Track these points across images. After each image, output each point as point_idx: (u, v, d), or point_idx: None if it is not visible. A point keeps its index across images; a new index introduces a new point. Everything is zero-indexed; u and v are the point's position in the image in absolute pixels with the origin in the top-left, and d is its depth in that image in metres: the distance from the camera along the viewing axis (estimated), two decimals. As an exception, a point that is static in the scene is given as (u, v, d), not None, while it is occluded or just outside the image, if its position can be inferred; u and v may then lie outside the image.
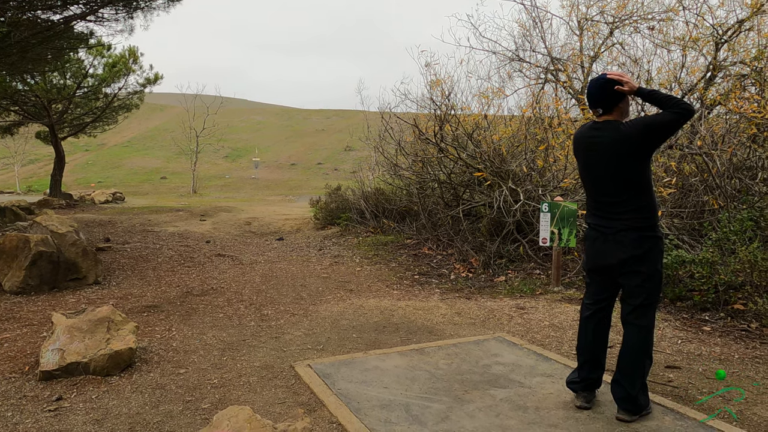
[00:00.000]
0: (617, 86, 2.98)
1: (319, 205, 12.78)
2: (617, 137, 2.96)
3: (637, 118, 3.04)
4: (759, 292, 4.88)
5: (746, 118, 7.21)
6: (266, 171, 35.07)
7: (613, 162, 2.98)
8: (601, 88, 3.03)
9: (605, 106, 3.04)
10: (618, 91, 2.98)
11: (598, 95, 3.04)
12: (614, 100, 3.02)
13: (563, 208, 6.00)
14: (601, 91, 3.03)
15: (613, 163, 2.99)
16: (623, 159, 2.96)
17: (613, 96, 3.01)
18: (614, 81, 2.99)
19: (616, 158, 2.98)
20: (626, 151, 2.95)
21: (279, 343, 4.48)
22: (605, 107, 3.05)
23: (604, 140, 3.02)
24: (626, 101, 3.07)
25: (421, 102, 9.58)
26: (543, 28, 10.22)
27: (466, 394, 3.41)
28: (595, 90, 3.05)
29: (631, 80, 3.00)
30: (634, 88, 2.96)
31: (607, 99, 3.02)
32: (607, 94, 3.01)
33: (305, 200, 18.70)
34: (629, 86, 2.97)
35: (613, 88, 2.99)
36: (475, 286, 6.56)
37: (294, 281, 6.83)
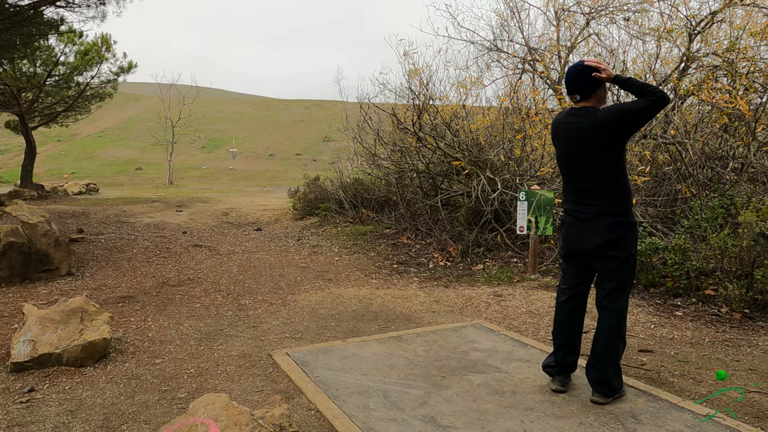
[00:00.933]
0: (595, 73, 3.01)
1: (297, 195, 12.70)
2: (594, 123, 2.99)
3: (613, 105, 3.07)
4: (729, 277, 4.99)
5: (718, 108, 7.35)
6: (244, 162, 34.73)
7: (590, 148, 3.02)
8: (579, 75, 3.05)
9: (583, 93, 3.07)
10: (595, 78, 3.01)
11: (576, 81, 3.06)
12: (592, 87, 3.05)
13: (540, 197, 6.06)
14: (579, 77, 3.05)
15: (590, 149, 3.02)
16: (600, 145, 3.00)
17: (591, 82, 3.03)
18: (592, 68, 3.02)
19: (593, 144, 3.01)
20: (603, 138, 2.98)
21: (257, 332, 4.46)
22: (583, 94, 3.07)
23: (581, 126, 3.04)
24: (604, 88, 3.10)
25: (399, 92, 9.56)
26: (521, 18, 10.27)
27: (444, 380, 3.43)
28: (574, 76, 3.07)
29: (608, 68, 3.03)
30: (612, 75, 3.00)
31: (585, 85, 3.05)
32: (585, 81, 3.04)
33: (284, 191, 18.58)
34: (606, 73, 3.00)
35: (591, 75, 3.02)
36: (453, 275, 6.60)
37: (272, 271, 6.79)
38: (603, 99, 3.13)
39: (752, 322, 4.57)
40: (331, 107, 45.99)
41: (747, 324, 4.54)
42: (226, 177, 29.60)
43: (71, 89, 18.53)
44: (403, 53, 8.92)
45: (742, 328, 4.44)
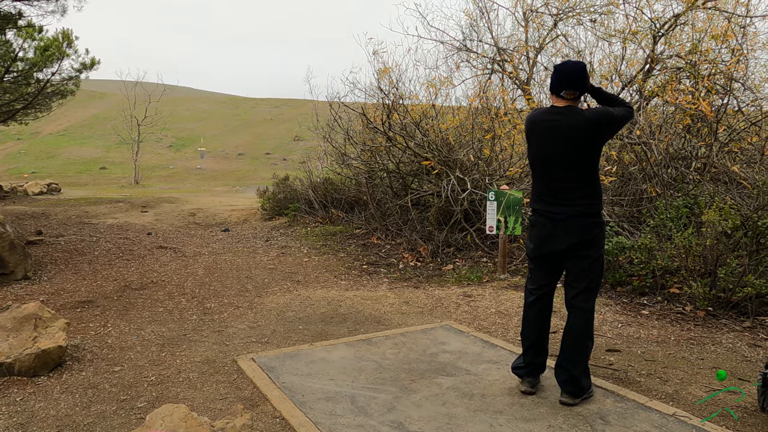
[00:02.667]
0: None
1: (266, 195, 12.52)
2: (579, 122, 2.98)
3: (599, 107, 3.09)
4: (693, 276, 5.07)
5: (681, 109, 7.49)
6: (212, 161, 34.18)
7: (572, 148, 2.99)
8: (583, 71, 3.05)
9: (582, 90, 3.07)
10: (586, 76, 3.06)
11: (581, 77, 3.04)
12: (587, 86, 3.08)
13: (509, 197, 6.07)
14: (583, 73, 3.05)
15: (572, 149, 2.99)
16: (581, 146, 2.98)
17: (588, 82, 3.06)
18: (583, 65, 3.09)
19: (574, 144, 2.98)
20: (584, 138, 2.98)
21: (222, 336, 4.33)
22: (582, 91, 3.08)
23: (565, 125, 3.00)
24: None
25: (369, 91, 9.50)
26: (490, 18, 10.30)
27: (412, 384, 3.38)
28: (579, 72, 3.04)
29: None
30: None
31: (586, 83, 3.06)
32: (587, 79, 3.06)
33: (253, 191, 18.32)
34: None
35: (584, 71, 3.06)
36: (423, 275, 6.57)
37: (239, 273, 6.65)
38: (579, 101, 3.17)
39: (716, 320, 4.64)
40: (302, 106, 45.64)
41: (711, 322, 4.61)
42: (194, 177, 29.08)
43: (31, 86, 17.90)
44: (373, 52, 8.84)
45: (706, 326, 4.51)
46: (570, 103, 3.05)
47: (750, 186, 6.08)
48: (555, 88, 3.06)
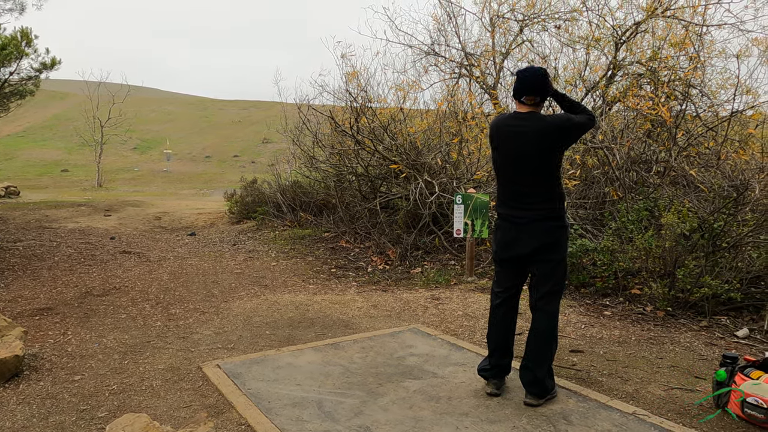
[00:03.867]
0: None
1: (234, 198, 12.38)
2: (543, 128, 3.03)
3: (561, 114, 3.14)
4: (653, 277, 5.21)
5: (642, 114, 7.69)
6: (179, 164, 33.61)
7: (535, 153, 3.04)
8: (544, 77, 3.09)
9: (543, 95, 3.11)
10: (547, 81, 3.10)
11: (541, 84, 3.08)
12: (548, 92, 3.12)
13: (476, 200, 6.13)
14: (544, 79, 3.09)
15: (535, 154, 3.05)
16: (544, 150, 3.04)
17: (549, 88, 3.11)
18: (545, 71, 3.14)
19: (537, 149, 3.04)
20: (548, 143, 3.03)
21: (187, 343, 4.27)
22: (543, 96, 3.11)
23: (528, 130, 3.05)
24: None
25: (338, 94, 9.48)
26: (457, 23, 10.39)
27: (380, 387, 3.38)
28: (540, 78, 3.08)
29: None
30: (552, 87, 3.11)
31: (545, 89, 3.10)
32: (546, 84, 3.09)
33: (220, 194, 18.07)
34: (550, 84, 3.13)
35: (546, 76, 3.10)
36: (392, 278, 6.58)
37: (205, 278, 6.55)
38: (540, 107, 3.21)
39: (674, 320, 4.78)
40: (270, 108, 45.28)
41: (670, 322, 4.74)
42: (159, 179, 28.55)
43: (-13, 86, 17.32)
44: (341, 55, 8.84)
45: (666, 326, 4.64)
46: (532, 109, 3.10)
47: (707, 189, 6.28)
48: (516, 93, 3.12)
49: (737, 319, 4.75)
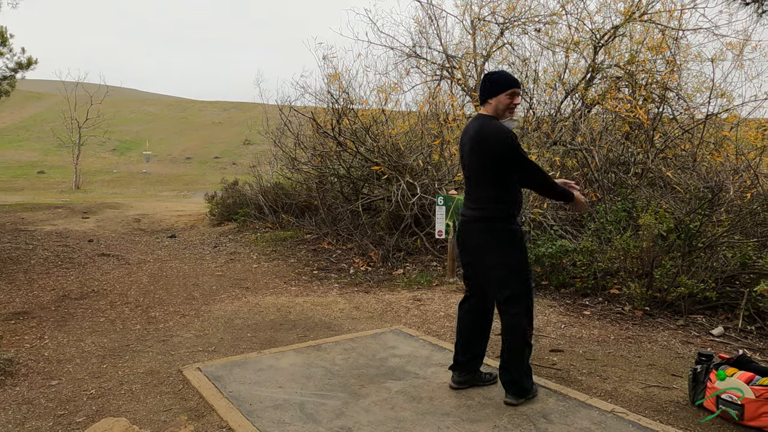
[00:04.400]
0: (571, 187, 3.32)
1: (215, 200, 12.28)
2: (477, 134, 3.11)
3: (507, 140, 3.03)
4: (631, 277, 5.29)
5: (620, 117, 7.81)
6: (159, 165, 33.23)
7: (474, 156, 3.13)
8: (483, 81, 3.18)
9: (482, 99, 3.19)
10: (488, 86, 3.13)
11: (481, 87, 3.18)
12: (484, 94, 3.16)
13: (457, 201, 6.17)
14: (482, 83, 3.17)
15: (474, 158, 3.14)
16: (479, 155, 3.12)
17: (484, 90, 3.15)
18: (492, 75, 3.17)
19: (475, 153, 3.12)
20: (479, 150, 3.12)
21: (167, 346, 4.22)
22: (482, 100, 3.19)
23: (468, 134, 3.17)
24: (500, 99, 3.11)
25: (320, 95, 9.47)
26: (438, 25, 10.46)
27: (362, 389, 3.39)
28: (481, 83, 3.18)
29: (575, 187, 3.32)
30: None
31: (481, 92, 3.17)
32: (483, 87, 3.16)
33: (201, 196, 17.90)
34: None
35: (488, 82, 3.13)
36: (374, 280, 6.59)
37: (186, 280, 6.49)
38: (500, 112, 3.12)
39: (652, 319, 4.86)
40: (252, 109, 45.02)
41: (648, 321, 4.82)
42: (139, 181, 28.21)
43: (-40, 86, 16.96)
44: (322, 57, 8.85)
45: (643, 325, 4.71)
46: (483, 111, 3.19)
47: (683, 191, 6.39)
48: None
49: (713, 318, 4.84)
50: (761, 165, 6.75)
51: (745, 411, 2.88)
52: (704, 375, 3.13)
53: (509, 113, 3.15)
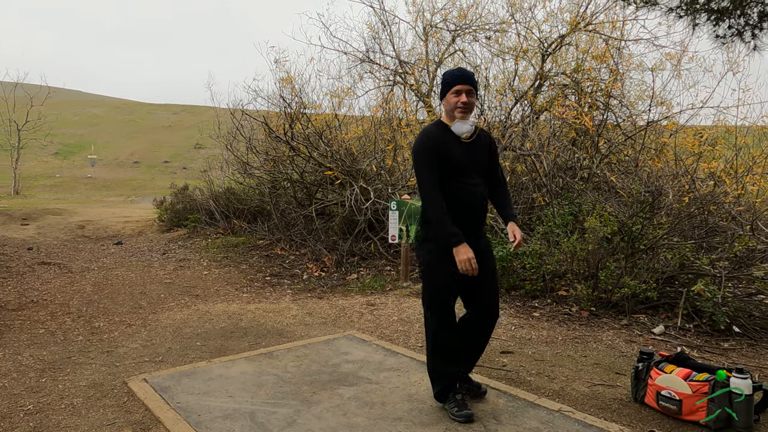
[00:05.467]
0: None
1: (164, 206, 11.96)
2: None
3: (413, 154, 3.02)
4: (578, 279, 5.45)
5: (567, 123, 8.05)
6: (105, 170, 32.13)
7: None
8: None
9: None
10: (440, 88, 3.07)
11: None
12: (440, 98, 3.08)
13: (410, 206, 6.21)
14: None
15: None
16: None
17: (440, 93, 3.09)
18: (445, 76, 3.01)
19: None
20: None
21: (111, 357, 4.08)
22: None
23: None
24: (446, 99, 3.00)
25: (272, 99, 9.38)
26: (391, 31, 10.53)
27: (314, 396, 3.36)
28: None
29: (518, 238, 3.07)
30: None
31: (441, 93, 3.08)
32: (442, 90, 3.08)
33: (149, 201, 17.41)
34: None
35: (442, 82, 3.03)
36: (327, 285, 6.55)
37: (132, 289, 6.29)
38: (449, 113, 3.02)
39: (598, 319, 5.01)
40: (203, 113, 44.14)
41: (593, 321, 4.97)
42: (83, 186, 27.19)
43: None
44: (274, 60, 8.76)
45: (590, 325, 4.86)
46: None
47: (626, 195, 6.63)
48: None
49: (654, 317, 5.04)
50: (698, 170, 7.10)
51: (683, 406, 3.01)
52: (645, 372, 3.25)
53: (459, 113, 2.97)
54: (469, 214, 3.02)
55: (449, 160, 2.96)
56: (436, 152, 2.94)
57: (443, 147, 2.96)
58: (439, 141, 2.97)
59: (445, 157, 2.95)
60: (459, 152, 2.99)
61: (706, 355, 4.16)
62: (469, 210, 3.02)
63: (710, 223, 6.05)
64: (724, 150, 7.89)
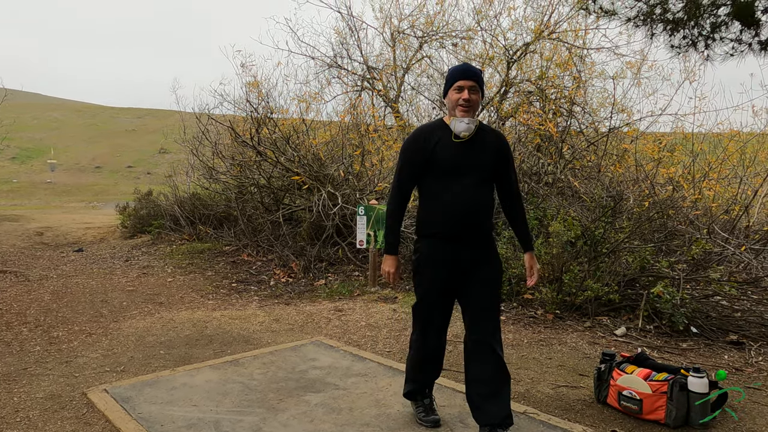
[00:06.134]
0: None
1: (127, 211, 11.69)
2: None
3: (408, 138, 2.89)
4: (543, 282, 5.53)
5: (532, 129, 8.20)
6: (65, 175, 31.25)
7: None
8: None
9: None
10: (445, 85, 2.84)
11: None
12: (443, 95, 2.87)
13: (378, 211, 6.22)
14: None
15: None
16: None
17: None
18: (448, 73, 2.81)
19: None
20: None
21: (70, 368, 3.96)
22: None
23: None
24: (449, 97, 2.78)
25: (239, 104, 9.29)
26: (359, 37, 10.58)
27: (280, 403, 3.32)
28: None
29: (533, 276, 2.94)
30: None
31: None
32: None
33: (112, 207, 16.99)
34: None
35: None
36: (295, 291, 6.50)
37: (93, 297, 6.12)
38: (451, 111, 2.77)
39: (562, 322, 5.10)
40: (168, 117, 43.36)
41: (558, 324, 5.06)
42: (42, 192, 26.38)
43: None
44: (241, 65, 8.70)
45: (554, 328, 4.94)
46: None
47: (588, 199, 6.78)
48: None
49: (616, 319, 5.15)
50: (657, 175, 7.31)
51: (644, 405, 3.08)
52: (607, 373, 3.32)
53: (461, 111, 2.72)
54: (452, 219, 2.73)
55: (435, 160, 2.74)
56: (419, 150, 2.77)
57: (430, 145, 2.75)
58: (427, 138, 2.77)
59: (431, 156, 2.75)
60: (450, 152, 2.74)
61: (666, 355, 4.28)
62: (453, 215, 2.73)
63: (669, 227, 6.23)
64: (682, 156, 8.15)
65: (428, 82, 10.56)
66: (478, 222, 2.76)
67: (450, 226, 2.75)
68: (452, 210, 2.73)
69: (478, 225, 2.76)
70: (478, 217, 2.75)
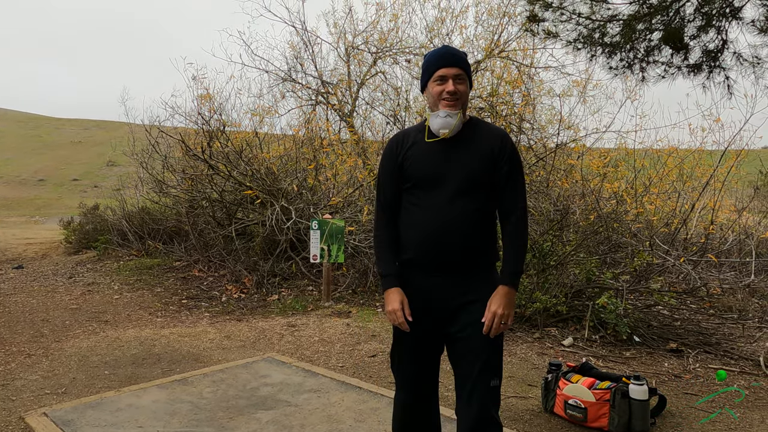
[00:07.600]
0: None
1: (72, 226, 11.27)
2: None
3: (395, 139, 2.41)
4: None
5: (484, 145, 8.37)
6: (5, 188, 29.89)
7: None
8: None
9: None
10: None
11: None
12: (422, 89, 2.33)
13: (332, 226, 6.22)
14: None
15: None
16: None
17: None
18: (426, 57, 2.23)
19: None
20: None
21: (7, 391, 3.78)
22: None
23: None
24: (428, 90, 2.19)
25: (190, 117, 9.15)
26: (314, 51, 10.59)
27: (230, 422, 3.26)
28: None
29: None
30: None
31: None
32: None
33: (56, 221, 16.35)
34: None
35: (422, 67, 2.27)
36: (247, 307, 6.41)
37: (33, 316, 5.87)
38: (433, 107, 2.18)
39: (512, 333, 5.20)
40: (116, 129, 42.19)
41: (508, 335, 5.15)
42: (-20, 205, 25.12)
43: None
44: (192, 77, 8.57)
45: (505, 339, 5.04)
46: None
47: (537, 213, 6.97)
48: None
49: (564, 330, 5.30)
50: (602, 190, 7.59)
51: (588, 413, 3.18)
52: (554, 383, 3.41)
53: (445, 106, 2.13)
54: (425, 242, 2.13)
55: (405, 168, 2.20)
56: (392, 156, 2.24)
57: (403, 149, 2.22)
58: (401, 142, 2.24)
59: (402, 164, 2.21)
60: (424, 157, 2.17)
61: (610, 364, 4.42)
62: (425, 236, 2.13)
63: (613, 240, 6.47)
64: (625, 171, 8.50)
65: (382, 98, 10.67)
66: (460, 245, 2.10)
67: (423, 252, 2.14)
68: (424, 230, 2.13)
69: (461, 249, 2.10)
70: (458, 238, 2.09)
